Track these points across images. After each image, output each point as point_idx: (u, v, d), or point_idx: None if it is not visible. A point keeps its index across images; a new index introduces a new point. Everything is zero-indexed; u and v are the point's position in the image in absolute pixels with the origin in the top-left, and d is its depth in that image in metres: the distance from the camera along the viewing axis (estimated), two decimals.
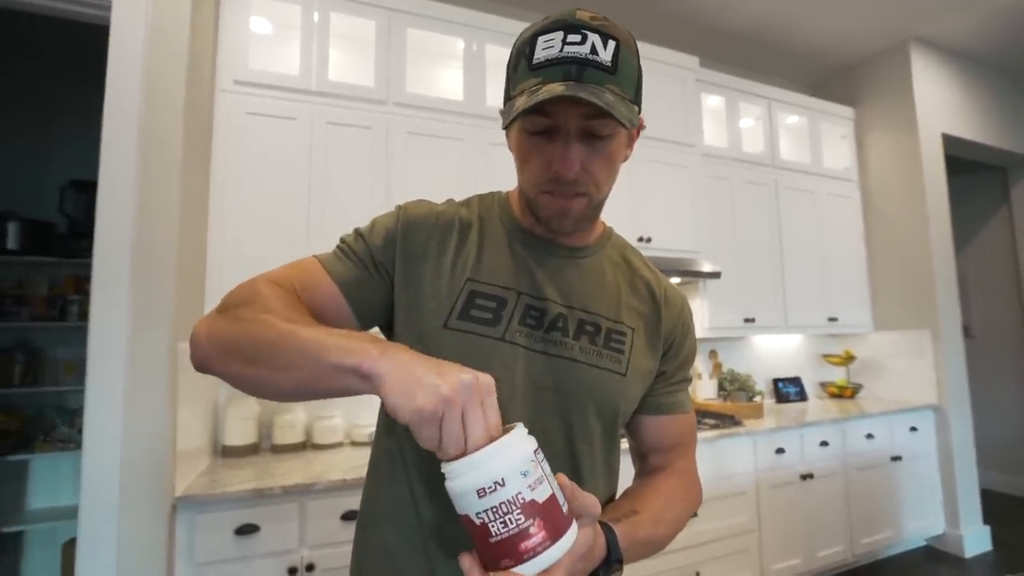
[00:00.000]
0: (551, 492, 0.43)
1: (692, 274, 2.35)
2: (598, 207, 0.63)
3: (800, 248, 2.94)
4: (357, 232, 0.66)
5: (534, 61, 0.54)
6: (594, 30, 0.54)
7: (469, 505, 0.42)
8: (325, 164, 1.86)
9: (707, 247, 2.56)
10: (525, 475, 0.42)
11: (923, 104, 3.02)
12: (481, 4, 2.53)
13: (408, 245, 0.64)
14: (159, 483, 1.33)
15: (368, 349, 0.44)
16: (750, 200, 2.81)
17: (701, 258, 2.49)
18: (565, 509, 0.44)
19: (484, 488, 0.41)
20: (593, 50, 0.53)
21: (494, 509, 0.41)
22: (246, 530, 1.41)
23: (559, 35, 0.54)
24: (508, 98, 0.59)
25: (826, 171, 3.13)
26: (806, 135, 3.13)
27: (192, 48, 1.51)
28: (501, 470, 0.41)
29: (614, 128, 0.55)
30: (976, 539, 2.79)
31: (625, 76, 0.55)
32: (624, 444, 0.74)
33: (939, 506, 2.81)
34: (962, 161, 3.56)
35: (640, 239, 2.34)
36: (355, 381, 0.44)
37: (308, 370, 0.46)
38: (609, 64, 0.54)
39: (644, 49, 2.46)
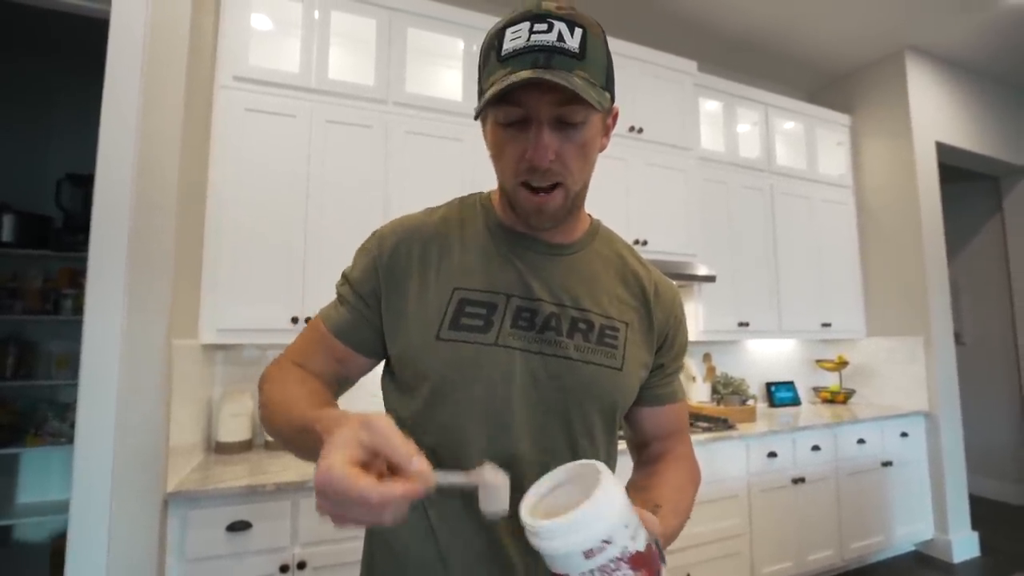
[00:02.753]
0: (645, 536, 0.41)
1: (687, 277, 2.36)
2: (576, 199, 0.62)
3: (795, 253, 2.96)
4: (343, 274, 0.69)
5: (502, 53, 0.54)
6: (560, 18, 0.54)
7: (574, 566, 0.38)
8: (324, 162, 1.86)
9: (702, 251, 2.58)
10: (627, 527, 0.39)
11: (918, 112, 3.05)
12: (481, 5, 2.54)
13: (390, 267, 0.64)
14: (151, 478, 1.33)
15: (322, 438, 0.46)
16: (746, 205, 2.83)
17: (696, 261, 2.51)
18: (654, 546, 0.41)
19: (592, 549, 0.37)
20: (560, 38, 0.53)
21: (602, 568, 0.38)
22: (238, 527, 1.41)
23: (526, 25, 0.54)
24: (480, 93, 0.59)
25: (821, 177, 3.15)
26: (802, 141, 3.16)
27: (192, 43, 1.51)
28: (607, 528, 0.38)
29: (586, 115, 0.55)
30: (964, 545, 2.81)
31: (594, 62, 0.55)
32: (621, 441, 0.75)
33: (928, 511, 2.83)
34: (956, 170, 3.59)
35: (635, 241, 2.35)
36: None
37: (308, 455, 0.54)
38: (577, 51, 0.53)
39: (643, 53, 2.48)
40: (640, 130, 2.43)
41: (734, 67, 3.26)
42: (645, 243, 2.38)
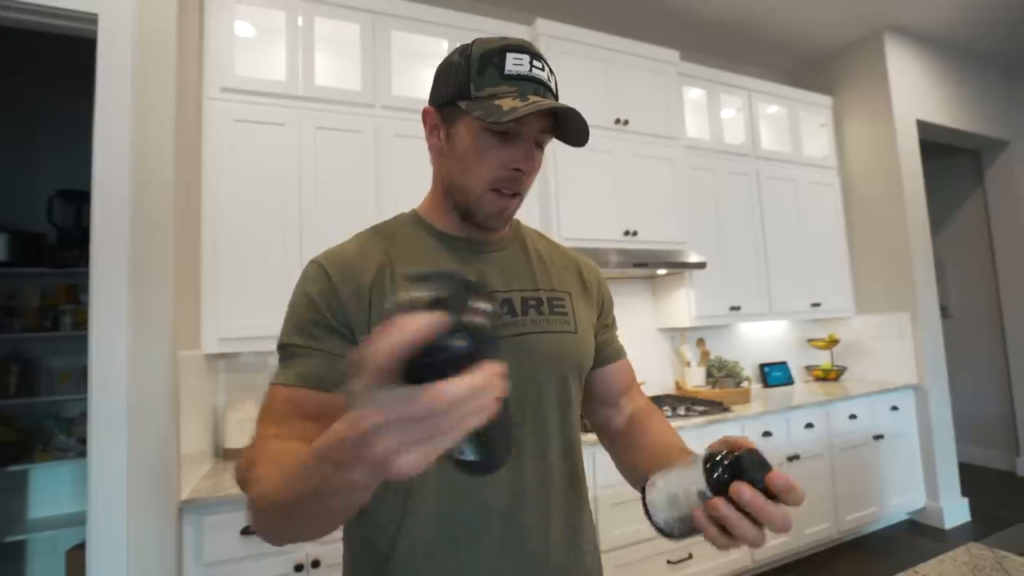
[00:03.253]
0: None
1: (678, 265, 2.41)
2: (519, 207, 0.70)
3: (783, 236, 3.01)
4: (285, 336, 0.62)
5: (506, 71, 0.61)
6: (546, 62, 0.64)
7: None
8: (315, 169, 1.88)
9: (692, 238, 2.62)
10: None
11: (898, 91, 3.10)
12: (464, 5, 2.55)
13: (346, 286, 0.62)
14: (165, 487, 1.37)
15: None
16: (733, 190, 2.87)
17: (687, 249, 2.55)
18: None
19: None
20: (548, 78, 0.64)
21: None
22: (251, 530, 1.45)
23: (527, 57, 0.62)
24: (465, 95, 0.61)
25: (806, 159, 3.20)
26: (786, 124, 3.19)
27: (179, 58, 1.52)
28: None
29: (547, 142, 0.66)
30: (955, 511, 2.91)
31: None
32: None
33: (920, 481, 2.92)
34: (937, 146, 3.65)
35: (626, 233, 2.40)
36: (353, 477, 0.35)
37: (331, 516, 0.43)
38: (556, 94, 0.65)
39: (625, 45, 2.50)
40: (626, 122, 2.46)
41: (715, 54, 3.29)
42: (635, 234, 2.42)
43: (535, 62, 0.62)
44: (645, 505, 0.54)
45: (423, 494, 0.60)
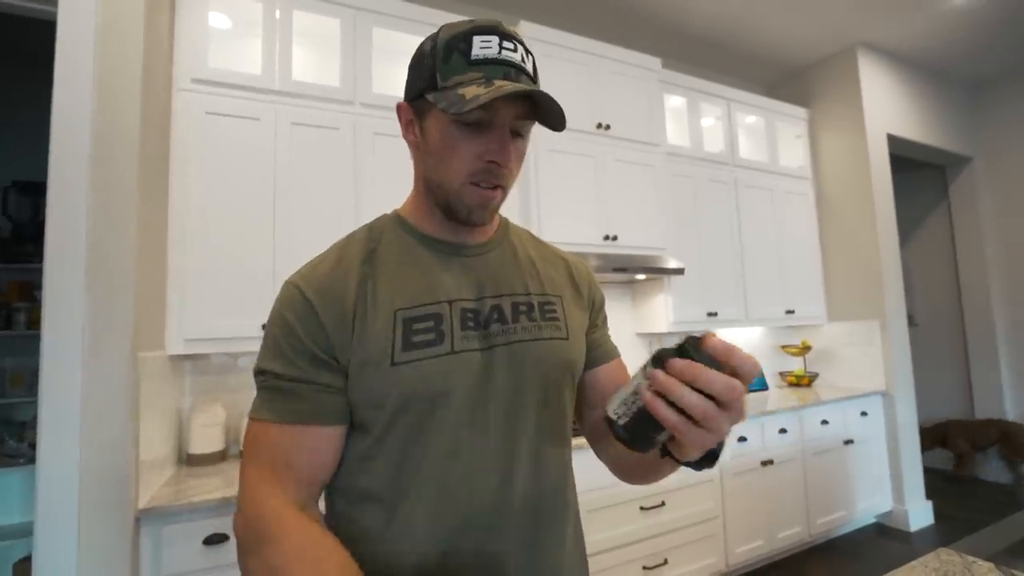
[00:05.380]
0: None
1: (657, 271, 2.42)
2: (504, 199, 0.67)
3: (759, 244, 3.06)
4: (265, 364, 0.59)
5: (473, 57, 0.57)
6: (520, 42, 0.60)
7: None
8: (291, 166, 1.82)
9: (672, 244, 2.64)
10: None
11: (870, 105, 3.19)
12: (448, 4, 2.53)
13: (328, 310, 0.59)
14: (121, 495, 1.29)
15: None
16: (712, 198, 2.91)
17: (666, 255, 2.57)
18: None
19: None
20: (523, 59, 0.59)
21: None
22: (214, 540, 1.38)
23: (495, 39, 0.58)
24: (432, 86, 0.58)
25: (782, 169, 3.27)
26: (763, 134, 3.26)
27: (147, 44, 1.46)
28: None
29: (529, 129, 0.62)
30: (920, 514, 2.99)
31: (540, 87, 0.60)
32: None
33: (887, 485, 3.00)
34: (905, 160, 3.78)
35: (606, 237, 2.40)
36: None
37: None
38: (532, 74, 0.60)
39: (608, 50, 2.51)
40: (608, 127, 2.47)
41: (696, 63, 3.34)
42: (615, 238, 2.42)
43: (505, 43, 0.58)
44: (607, 414, 0.52)
45: (411, 510, 0.58)
